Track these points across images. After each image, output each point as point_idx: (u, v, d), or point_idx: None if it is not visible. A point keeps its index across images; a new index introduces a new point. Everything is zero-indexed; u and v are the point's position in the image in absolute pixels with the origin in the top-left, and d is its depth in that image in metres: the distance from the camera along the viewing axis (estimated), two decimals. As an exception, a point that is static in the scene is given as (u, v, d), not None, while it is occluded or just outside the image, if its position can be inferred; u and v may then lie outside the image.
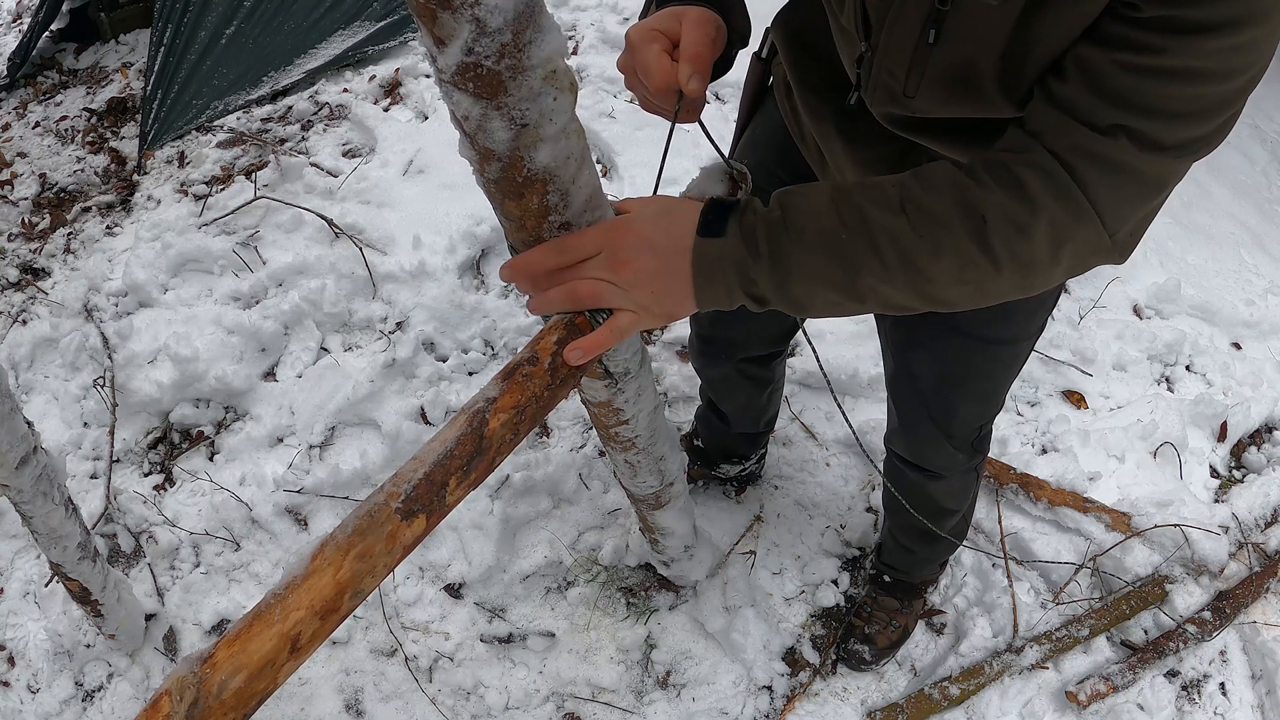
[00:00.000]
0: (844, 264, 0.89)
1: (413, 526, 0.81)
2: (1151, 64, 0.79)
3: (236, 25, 3.47)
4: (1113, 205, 0.86)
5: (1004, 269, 0.89)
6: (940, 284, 0.90)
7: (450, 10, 0.65)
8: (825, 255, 0.89)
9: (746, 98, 1.49)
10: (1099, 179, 0.85)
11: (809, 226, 0.89)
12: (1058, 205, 0.85)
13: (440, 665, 2.12)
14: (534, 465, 2.35)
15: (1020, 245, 0.87)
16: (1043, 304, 1.36)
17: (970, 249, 0.87)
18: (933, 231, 0.87)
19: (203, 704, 0.70)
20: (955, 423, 1.58)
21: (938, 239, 0.87)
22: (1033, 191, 0.85)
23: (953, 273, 0.89)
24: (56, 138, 3.58)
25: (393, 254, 2.77)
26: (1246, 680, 2.15)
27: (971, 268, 0.89)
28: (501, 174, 0.81)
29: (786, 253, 0.89)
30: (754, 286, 0.91)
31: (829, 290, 0.91)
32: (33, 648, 2.13)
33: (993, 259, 0.88)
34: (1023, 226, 0.86)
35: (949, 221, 0.87)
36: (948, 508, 1.83)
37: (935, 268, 0.89)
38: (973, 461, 1.70)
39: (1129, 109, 0.81)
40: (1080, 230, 0.87)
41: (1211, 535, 2.21)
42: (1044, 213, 0.86)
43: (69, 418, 2.53)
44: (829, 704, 2.08)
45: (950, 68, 0.95)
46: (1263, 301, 2.94)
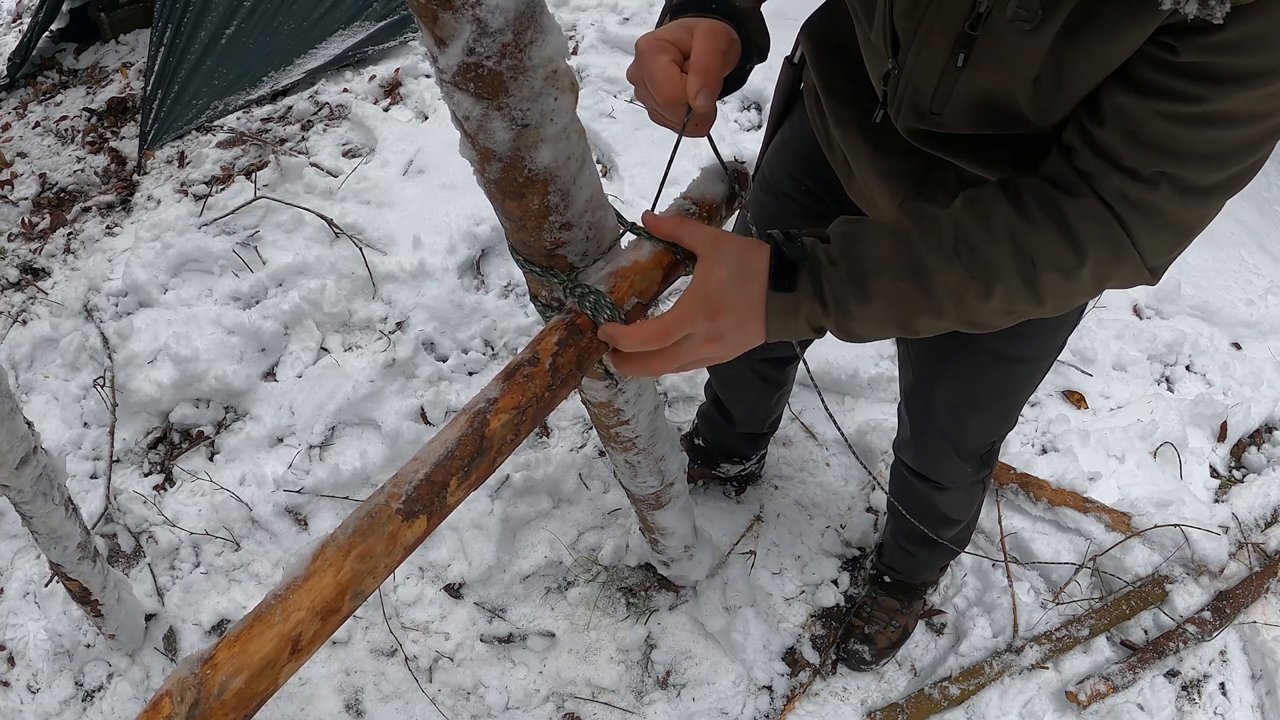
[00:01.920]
0: (902, 310, 0.95)
1: (413, 527, 0.81)
2: (1190, 112, 0.81)
3: (236, 25, 3.47)
4: (1153, 246, 0.91)
5: (1047, 305, 0.95)
6: (987, 317, 0.97)
7: (451, 10, 0.65)
8: (885, 305, 0.95)
9: (777, 103, 1.48)
10: (1142, 224, 0.89)
11: (873, 284, 0.94)
12: (1105, 250, 0.90)
13: (440, 665, 2.12)
14: (534, 465, 2.35)
15: (1067, 286, 0.93)
16: (1065, 323, 1.37)
17: (1019, 290, 0.93)
18: (985, 276, 0.92)
19: (203, 705, 0.70)
20: (967, 437, 1.58)
21: (989, 284, 0.93)
22: (1081, 237, 0.90)
23: (1000, 309, 0.95)
24: (56, 138, 3.57)
25: (393, 254, 2.77)
26: (1246, 680, 2.15)
27: (1019, 304, 0.95)
28: (502, 174, 0.81)
29: (851, 307, 0.95)
30: (820, 325, 0.99)
31: (886, 328, 0.98)
32: (33, 648, 2.13)
33: (1038, 298, 0.94)
34: (1070, 271, 0.91)
35: (1002, 266, 0.92)
36: (952, 517, 1.83)
37: (985, 307, 0.95)
38: (980, 474, 1.70)
39: (1169, 156, 0.84)
40: (1122, 269, 0.93)
41: (1211, 535, 2.21)
42: (1091, 258, 0.90)
43: (69, 418, 2.53)
44: (829, 704, 2.08)
45: (980, 92, 0.96)
46: (1263, 301, 2.94)
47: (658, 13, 3.71)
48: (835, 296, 0.94)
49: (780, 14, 3.88)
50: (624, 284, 0.98)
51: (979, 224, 0.92)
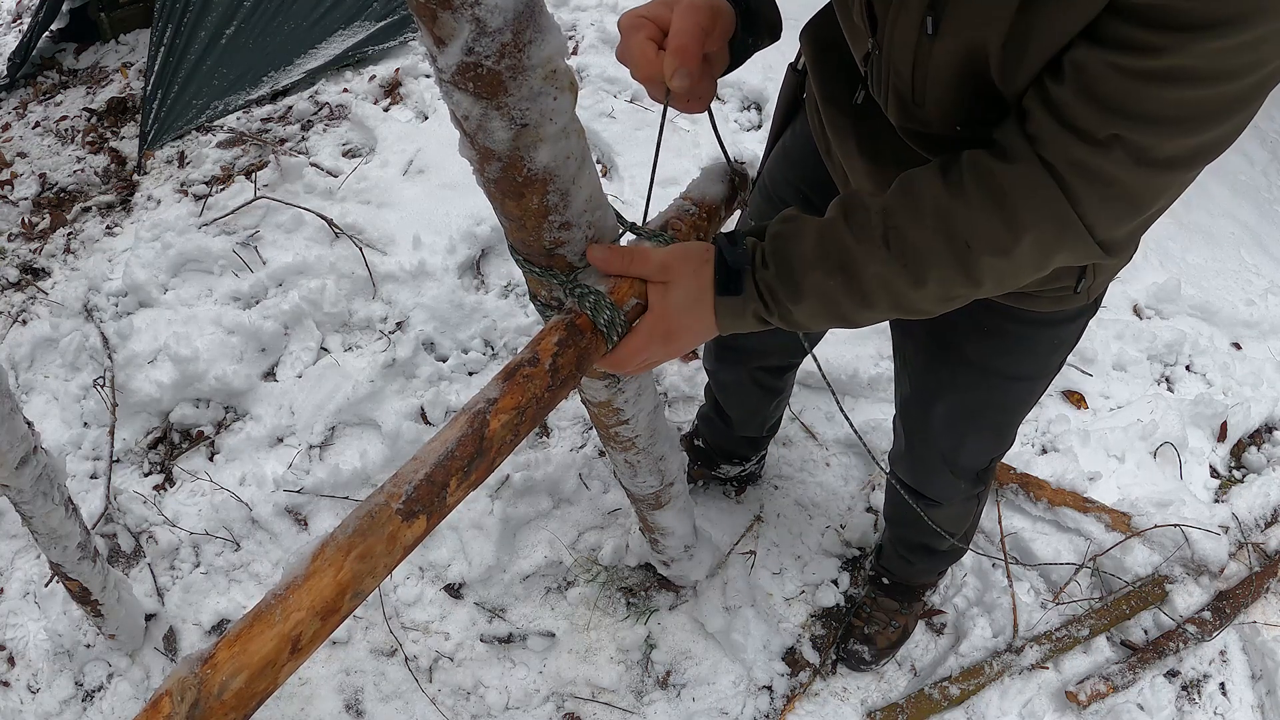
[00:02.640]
0: (835, 304, 0.97)
1: (413, 527, 0.81)
2: (1148, 66, 0.75)
3: (236, 25, 3.47)
4: (1103, 219, 0.85)
5: (985, 286, 0.92)
6: (923, 304, 0.96)
7: (450, 10, 0.65)
8: (818, 301, 0.97)
9: (780, 109, 1.47)
10: (1089, 192, 0.83)
11: (802, 283, 0.97)
12: (1046, 223, 0.85)
13: (440, 665, 2.12)
14: (534, 465, 2.35)
15: (1005, 265, 0.89)
16: (1064, 342, 1.35)
17: (953, 276, 0.91)
18: (916, 264, 0.90)
19: (203, 704, 0.70)
20: (963, 456, 1.58)
21: (921, 271, 0.91)
22: (1018, 210, 0.85)
23: (936, 296, 0.94)
24: (56, 138, 3.57)
25: (393, 254, 2.77)
26: (1246, 680, 2.15)
27: (955, 289, 0.93)
28: (502, 174, 0.81)
29: (786, 305, 0.99)
30: (766, 321, 1.03)
31: (825, 321, 1.01)
32: (33, 648, 2.13)
33: (974, 281, 0.91)
34: (1007, 250, 0.87)
35: (932, 251, 0.89)
36: (946, 531, 1.83)
37: (919, 294, 0.93)
38: (974, 490, 1.70)
39: (1124, 116, 0.78)
40: (1067, 243, 0.87)
41: (1211, 535, 2.21)
42: (1029, 233, 0.86)
43: (69, 418, 2.53)
44: (829, 704, 2.08)
45: (951, 61, 0.92)
46: (1263, 301, 2.94)
47: (658, 13, 3.71)
48: (771, 296, 0.98)
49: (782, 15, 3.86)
50: (623, 284, 0.98)
51: (908, 209, 0.90)
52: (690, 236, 1.08)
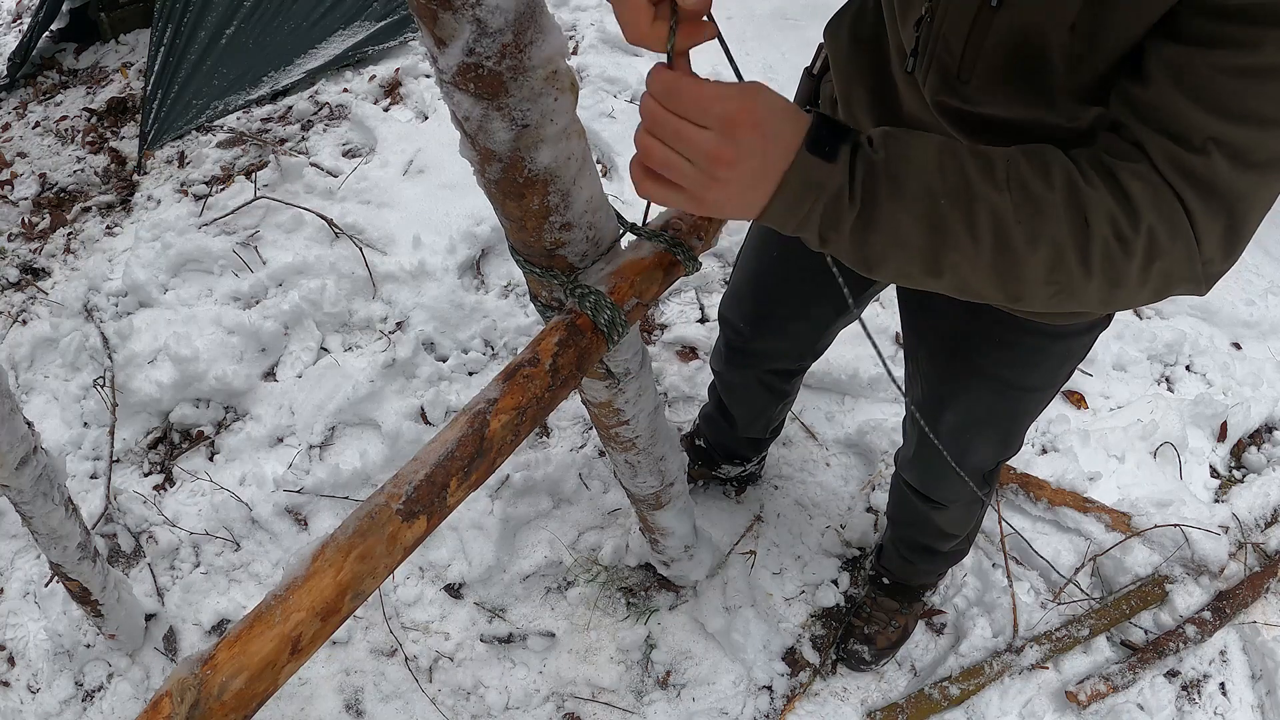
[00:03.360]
0: (934, 232, 0.81)
1: (413, 527, 0.81)
2: (1243, 63, 0.72)
3: (236, 25, 3.47)
4: (1207, 227, 0.80)
5: (1095, 277, 0.82)
6: (1026, 277, 0.83)
7: (451, 11, 0.65)
8: (918, 217, 0.80)
9: None
10: (1195, 197, 0.79)
11: (910, 182, 0.80)
12: (1159, 220, 0.80)
13: (440, 665, 2.12)
14: (534, 465, 2.35)
15: (1117, 255, 0.81)
16: (1075, 354, 1.36)
17: (1068, 248, 0.81)
18: (1034, 219, 0.80)
19: (203, 705, 0.70)
20: (970, 460, 1.58)
21: (1037, 228, 0.80)
22: (1138, 202, 0.79)
23: (1043, 269, 0.82)
24: (56, 138, 3.57)
25: (393, 254, 2.77)
26: (1246, 680, 2.15)
27: (1063, 269, 0.82)
28: (502, 174, 0.81)
29: (879, 203, 0.80)
30: (834, 226, 0.82)
31: (908, 256, 0.83)
32: (33, 647, 2.13)
33: (1087, 264, 0.81)
34: (1124, 237, 0.80)
35: (1054, 213, 0.80)
36: (950, 532, 1.84)
37: (1028, 258, 0.81)
38: (980, 493, 1.70)
39: (1221, 117, 0.75)
40: (1175, 249, 0.81)
41: (1211, 535, 2.21)
42: (1145, 226, 0.80)
43: (69, 418, 2.53)
44: (829, 704, 2.08)
45: (1012, 39, 0.87)
46: (1263, 301, 2.94)
47: (658, 13, 3.71)
48: (867, 185, 0.80)
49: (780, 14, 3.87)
50: (624, 284, 0.98)
51: (1035, 166, 0.81)
52: (691, 237, 1.08)
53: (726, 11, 3.62)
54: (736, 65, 0.97)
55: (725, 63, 0.97)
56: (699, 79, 0.78)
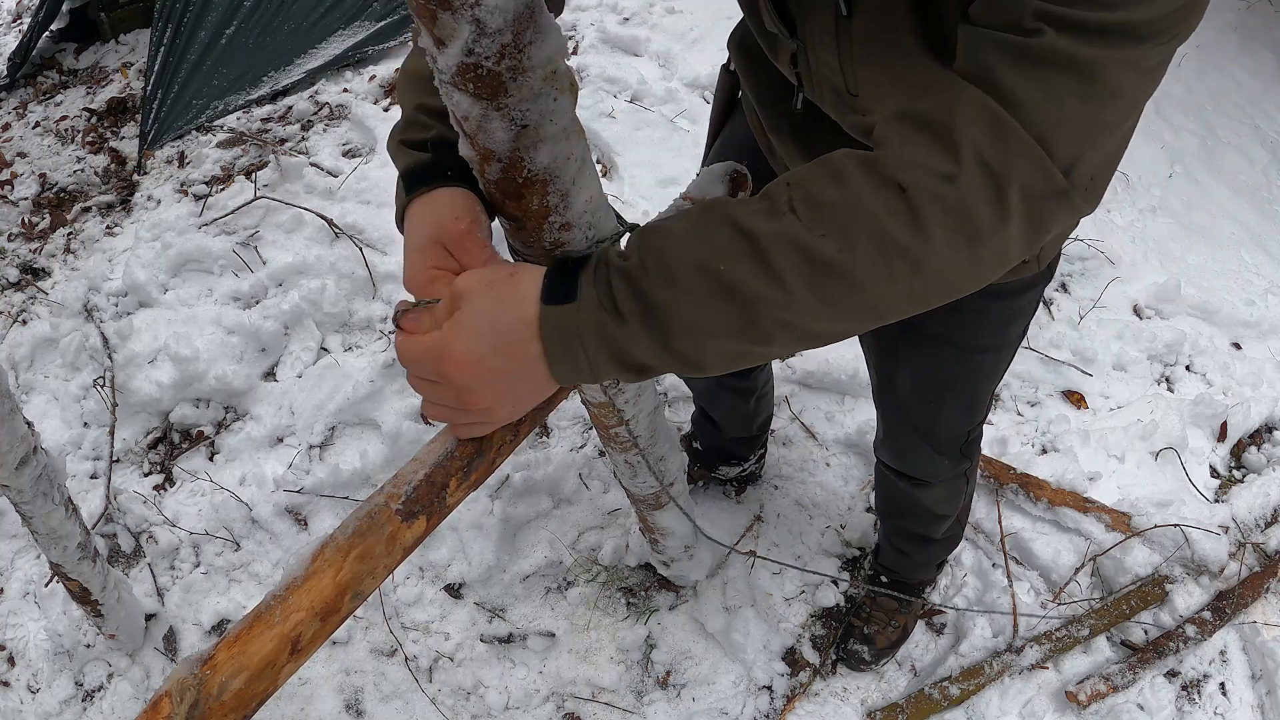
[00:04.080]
0: (732, 301, 0.70)
1: (413, 528, 0.81)
2: None
3: (236, 25, 3.47)
4: (1052, 121, 0.68)
5: (935, 237, 0.69)
6: (862, 284, 0.70)
7: (450, 11, 0.65)
8: (703, 296, 0.70)
9: (716, 109, 1.46)
10: (1026, 91, 0.67)
11: (678, 266, 0.70)
12: (984, 137, 0.68)
13: (440, 665, 2.12)
14: (534, 465, 2.35)
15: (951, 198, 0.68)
16: (1022, 311, 1.35)
17: (890, 227, 0.68)
18: (837, 221, 0.68)
19: (203, 705, 0.70)
20: (939, 431, 1.57)
21: (845, 228, 0.68)
22: (953, 130, 0.68)
23: (873, 263, 0.69)
24: (56, 138, 3.58)
25: (393, 254, 2.77)
26: (1246, 680, 2.15)
27: (896, 252, 0.69)
28: (501, 175, 0.81)
29: (657, 305, 0.71)
30: (628, 355, 0.73)
31: (725, 339, 0.72)
32: (33, 648, 2.13)
33: (921, 229, 0.68)
34: (949, 175, 0.68)
35: (856, 203, 0.69)
36: (940, 514, 1.83)
37: (852, 264, 0.69)
38: (960, 467, 1.69)
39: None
40: (1017, 162, 0.68)
41: (1211, 535, 2.21)
42: (968, 149, 0.68)
43: (69, 418, 2.53)
44: (829, 704, 2.08)
45: (871, 35, 0.85)
46: (1263, 301, 2.94)
47: (657, 13, 3.71)
48: (634, 299, 0.71)
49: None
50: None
51: (824, 172, 0.71)
52: (690, 237, 1.08)
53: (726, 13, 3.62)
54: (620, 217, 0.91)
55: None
56: (409, 336, 0.77)
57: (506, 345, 0.74)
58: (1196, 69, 3.95)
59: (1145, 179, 3.36)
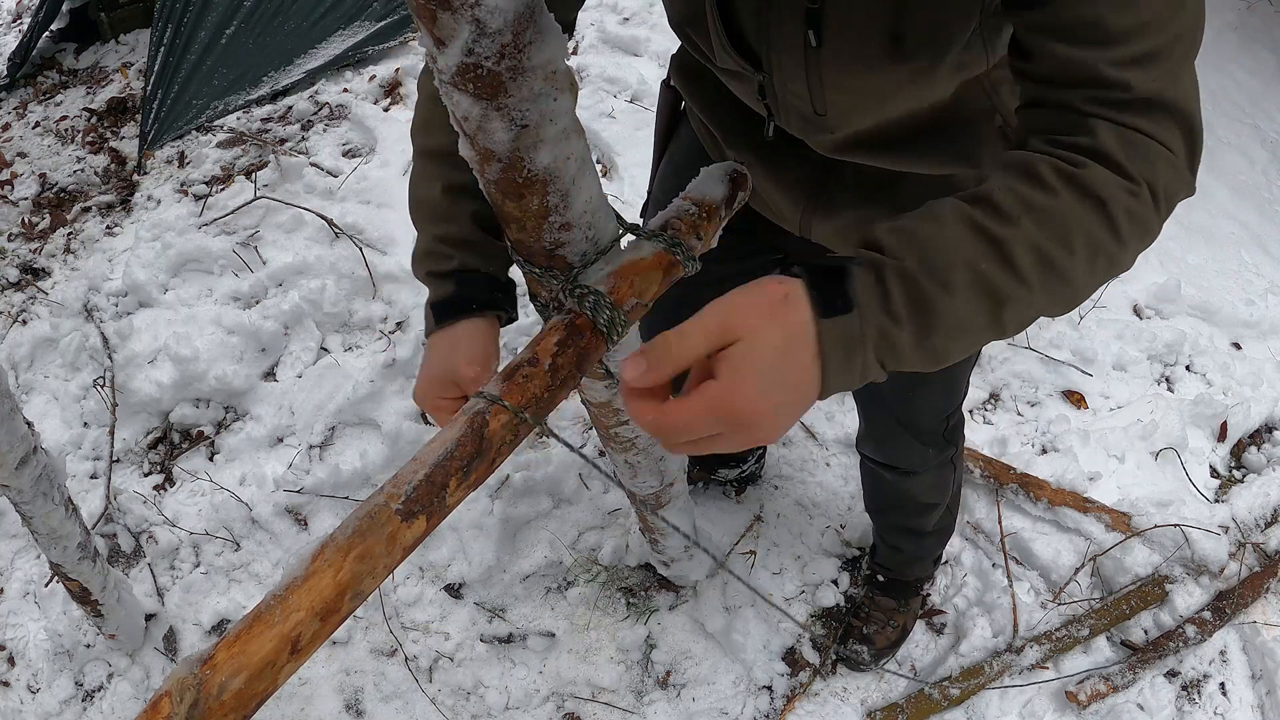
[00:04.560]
0: (990, 300, 0.76)
1: (413, 527, 0.81)
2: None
3: (236, 25, 3.47)
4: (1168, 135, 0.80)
5: (1129, 242, 0.80)
6: (1077, 282, 0.80)
7: (450, 11, 0.65)
8: (971, 297, 0.75)
9: (661, 126, 1.45)
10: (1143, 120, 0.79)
11: (953, 269, 0.74)
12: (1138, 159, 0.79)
13: (440, 665, 2.12)
14: (534, 465, 2.35)
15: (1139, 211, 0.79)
16: None
17: (1100, 233, 0.78)
18: (1060, 225, 0.77)
19: (203, 705, 0.70)
20: (920, 418, 1.58)
21: (1067, 231, 0.77)
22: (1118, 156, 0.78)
23: (1087, 265, 0.79)
24: (56, 138, 3.58)
25: (393, 254, 2.77)
26: (1246, 680, 2.15)
27: (1102, 254, 0.79)
28: (501, 175, 0.81)
29: (932, 307, 0.74)
30: (891, 355, 0.75)
31: (976, 335, 0.78)
32: (33, 648, 2.13)
33: (1119, 237, 0.79)
34: (1134, 191, 0.79)
35: (1071, 211, 0.77)
36: (928, 502, 1.83)
37: (1072, 267, 0.78)
38: (945, 454, 1.69)
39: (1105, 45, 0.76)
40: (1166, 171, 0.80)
41: (1211, 535, 2.21)
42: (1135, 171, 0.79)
43: (69, 418, 2.53)
44: (829, 704, 2.08)
45: (841, 61, 0.91)
46: (1263, 301, 2.94)
47: (657, 13, 3.71)
48: (909, 298, 0.73)
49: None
50: (624, 284, 0.97)
51: (1027, 181, 0.78)
52: (690, 236, 1.08)
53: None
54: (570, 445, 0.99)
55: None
56: (673, 403, 0.72)
57: (793, 373, 0.71)
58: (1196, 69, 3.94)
59: (1145, 179, 3.35)
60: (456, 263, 1.04)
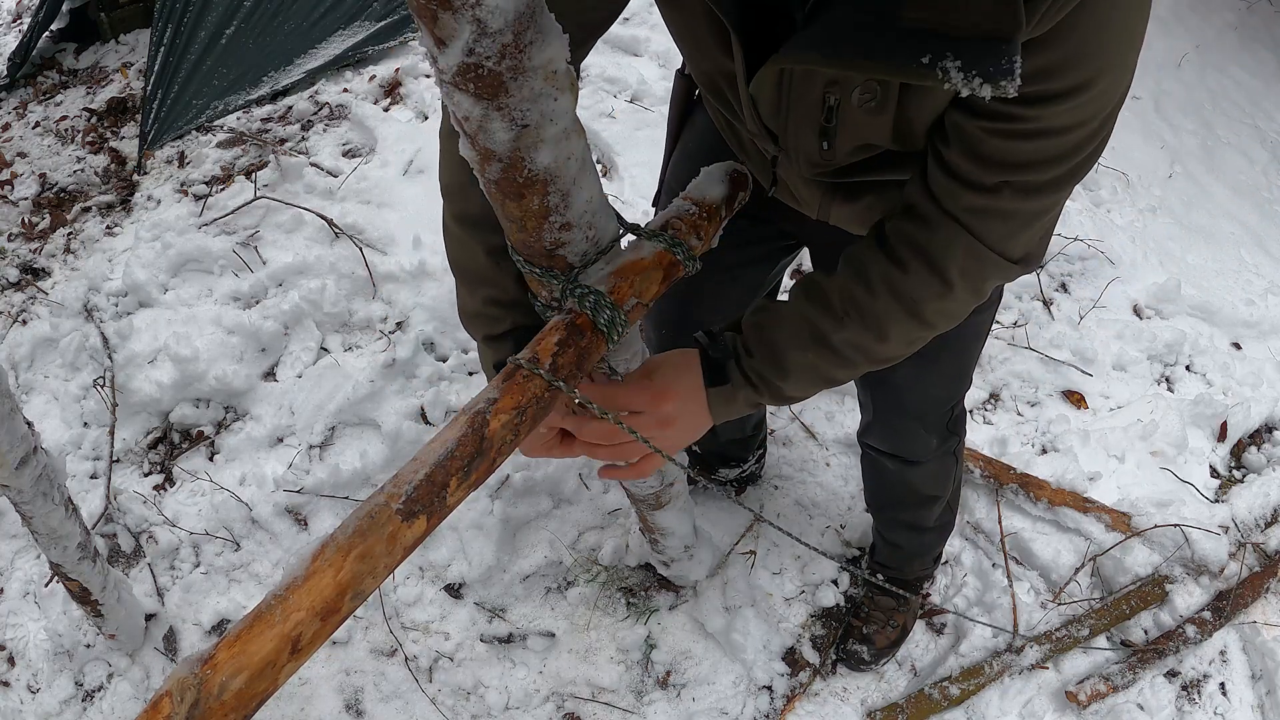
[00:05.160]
0: (819, 373, 1.09)
1: (413, 527, 0.81)
2: (1017, 129, 0.87)
3: (236, 25, 3.47)
4: (1011, 244, 0.99)
5: (940, 326, 1.07)
6: (891, 353, 1.09)
7: (451, 11, 0.65)
8: (805, 374, 1.08)
9: (674, 114, 1.46)
10: (993, 228, 0.97)
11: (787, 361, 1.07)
12: (970, 265, 1.00)
13: (440, 665, 2.12)
14: (534, 465, 2.34)
15: (949, 307, 1.04)
16: None
17: (909, 326, 1.05)
18: (876, 325, 1.04)
19: (203, 705, 0.70)
20: (928, 404, 1.59)
21: (882, 329, 1.04)
22: (946, 266, 0.99)
23: (901, 344, 1.07)
24: (56, 138, 3.58)
25: (393, 254, 2.77)
26: (1246, 680, 2.15)
27: (914, 334, 1.07)
28: (502, 175, 0.81)
29: (776, 383, 1.08)
30: (758, 403, 1.12)
31: (814, 387, 1.12)
32: (33, 647, 2.13)
33: (929, 325, 1.05)
34: (945, 295, 1.02)
35: (887, 313, 1.03)
36: (930, 494, 1.83)
37: (886, 347, 1.07)
38: (948, 444, 1.70)
39: (1006, 168, 0.91)
40: (988, 270, 1.01)
41: (1211, 535, 2.21)
42: (958, 279, 1.00)
43: (69, 418, 2.53)
44: (829, 704, 2.08)
45: (851, 155, 1.07)
46: (1262, 301, 2.94)
47: (658, 13, 3.71)
48: (761, 378, 1.08)
49: None
50: (624, 284, 0.98)
51: (859, 284, 1.04)
52: (690, 236, 1.08)
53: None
54: None
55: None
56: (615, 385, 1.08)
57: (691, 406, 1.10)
58: (1196, 69, 3.95)
59: (1145, 179, 3.36)
60: (509, 324, 1.13)
